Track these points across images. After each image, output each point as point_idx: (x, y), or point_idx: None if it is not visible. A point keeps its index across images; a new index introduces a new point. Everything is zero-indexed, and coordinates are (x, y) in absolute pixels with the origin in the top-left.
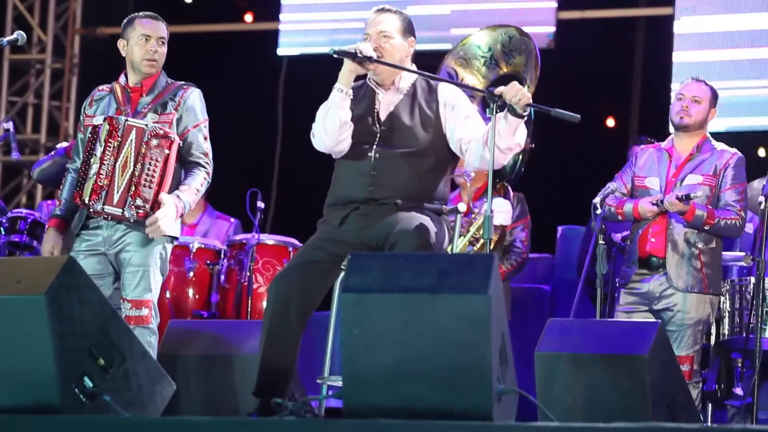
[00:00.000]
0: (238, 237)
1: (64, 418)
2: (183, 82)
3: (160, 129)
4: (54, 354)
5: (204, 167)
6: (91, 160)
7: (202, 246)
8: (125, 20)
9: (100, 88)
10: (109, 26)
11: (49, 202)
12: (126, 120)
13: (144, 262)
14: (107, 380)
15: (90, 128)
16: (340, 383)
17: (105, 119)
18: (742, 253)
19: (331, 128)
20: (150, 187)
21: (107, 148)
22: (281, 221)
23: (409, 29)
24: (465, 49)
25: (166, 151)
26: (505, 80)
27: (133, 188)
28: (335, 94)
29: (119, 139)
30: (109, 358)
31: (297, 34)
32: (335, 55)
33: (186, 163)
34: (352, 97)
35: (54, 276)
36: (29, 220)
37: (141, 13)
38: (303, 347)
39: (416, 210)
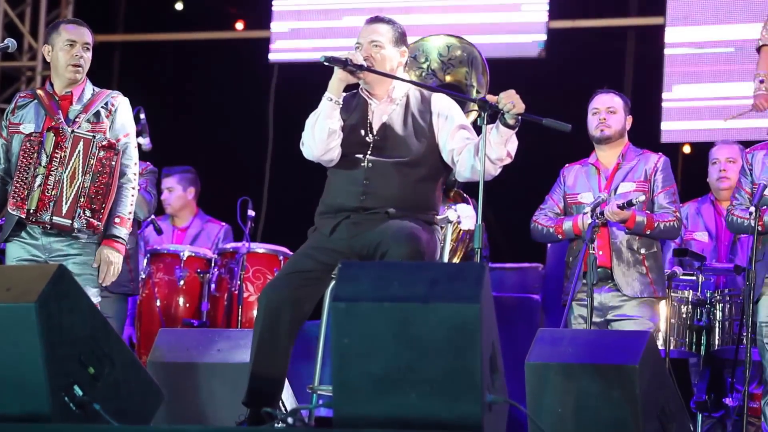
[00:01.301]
0: (229, 245)
1: (54, 427)
2: (110, 91)
3: (106, 140)
4: (44, 362)
5: (131, 180)
6: (37, 170)
7: (193, 254)
8: (50, 26)
9: (21, 94)
10: (100, 34)
11: None
12: (73, 131)
13: (81, 271)
14: (97, 389)
15: (26, 137)
16: (330, 392)
17: (50, 129)
18: (731, 264)
19: (320, 137)
20: (99, 199)
21: (53, 159)
22: (272, 230)
23: (401, 39)
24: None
25: (113, 162)
26: (449, 89)
27: (82, 199)
28: (324, 103)
29: (67, 149)
30: (99, 366)
31: (288, 42)
32: (326, 63)
33: None
34: (343, 106)
35: (44, 284)
36: None
37: (66, 19)
38: (293, 356)
39: (408, 219)
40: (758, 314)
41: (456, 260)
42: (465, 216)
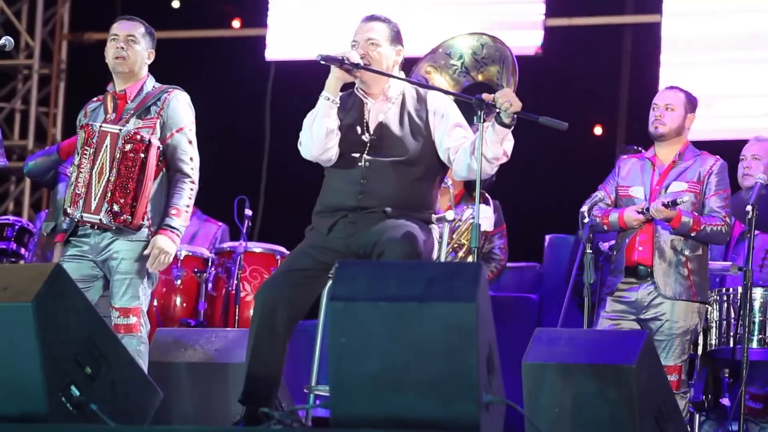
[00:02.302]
0: (226, 245)
1: (51, 427)
2: (168, 86)
3: (135, 133)
4: (41, 362)
5: (188, 175)
6: (72, 169)
7: (190, 254)
8: None
9: (93, 99)
10: (97, 32)
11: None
12: (100, 126)
13: (131, 270)
14: (94, 389)
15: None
16: (327, 392)
17: (82, 127)
18: (729, 263)
19: (317, 137)
20: (127, 193)
21: (83, 156)
22: (269, 229)
23: (397, 38)
24: (437, 56)
25: (142, 155)
26: (480, 88)
27: (109, 194)
28: (322, 102)
29: (95, 146)
30: (96, 366)
31: (284, 40)
32: (322, 62)
33: (171, 171)
34: (339, 105)
35: (41, 283)
36: (16, 227)
37: (118, 17)
38: (290, 356)
39: (405, 218)
40: None
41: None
42: (482, 217)
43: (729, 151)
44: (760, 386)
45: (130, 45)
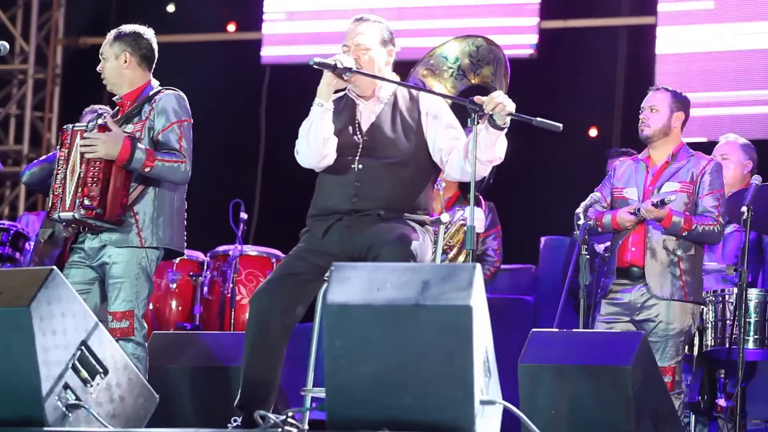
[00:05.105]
0: (221, 248)
1: (47, 431)
2: (162, 87)
3: (99, 126)
4: (37, 366)
5: (176, 155)
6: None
7: (185, 257)
8: None
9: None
10: (92, 36)
11: (32, 214)
12: (72, 126)
13: (123, 274)
14: (90, 392)
15: None
16: (323, 395)
17: (60, 132)
18: (724, 264)
19: (314, 145)
20: (96, 185)
21: (60, 158)
22: (264, 232)
23: (388, 39)
24: (433, 59)
25: None
26: (474, 91)
27: (80, 189)
28: (315, 109)
29: (68, 146)
30: (92, 370)
31: (279, 44)
32: (316, 67)
33: None
34: (333, 110)
35: (37, 288)
36: (12, 231)
37: None
38: (286, 359)
39: (399, 220)
40: None
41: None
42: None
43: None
44: (732, 385)
45: (103, 62)
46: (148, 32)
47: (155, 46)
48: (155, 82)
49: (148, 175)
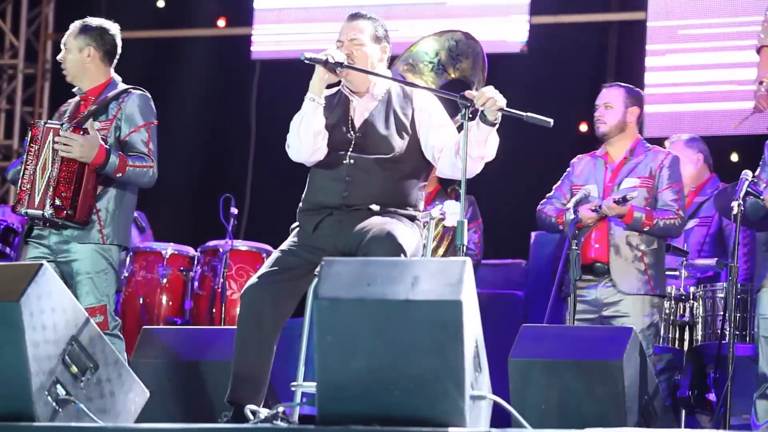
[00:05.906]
0: (212, 243)
1: (38, 427)
2: (128, 87)
3: (73, 128)
4: (27, 362)
5: (145, 160)
6: (19, 167)
7: (176, 252)
8: None
9: (66, 102)
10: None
11: (8, 206)
12: (45, 123)
13: (89, 269)
14: (80, 388)
15: None
16: (313, 390)
17: (29, 125)
18: (714, 260)
19: (305, 139)
20: (68, 187)
21: (29, 153)
22: (255, 227)
23: (382, 35)
24: (413, 55)
25: None
26: (454, 84)
27: (51, 189)
28: (307, 103)
29: (39, 142)
30: (82, 365)
31: (270, 39)
32: (306, 61)
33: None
34: (324, 105)
35: (26, 282)
36: (1, 226)
37: None
38: (276, 354)
39: (390, 216)
40: (758, 307)
41: (439, 256)
42: (450, 212)
43: (714, 145)
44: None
45: (65, 53)
46: (114, 27)
47: (119, 42)
48: (118, 78)
49: (118, 179)
